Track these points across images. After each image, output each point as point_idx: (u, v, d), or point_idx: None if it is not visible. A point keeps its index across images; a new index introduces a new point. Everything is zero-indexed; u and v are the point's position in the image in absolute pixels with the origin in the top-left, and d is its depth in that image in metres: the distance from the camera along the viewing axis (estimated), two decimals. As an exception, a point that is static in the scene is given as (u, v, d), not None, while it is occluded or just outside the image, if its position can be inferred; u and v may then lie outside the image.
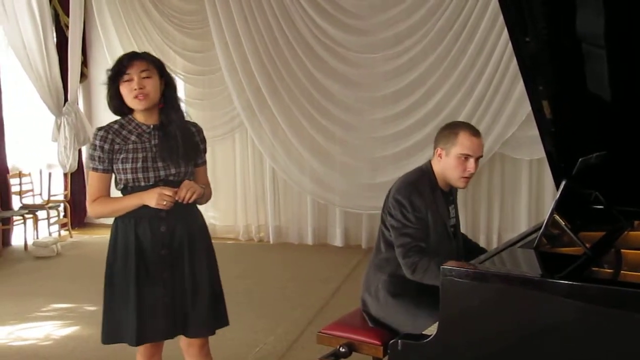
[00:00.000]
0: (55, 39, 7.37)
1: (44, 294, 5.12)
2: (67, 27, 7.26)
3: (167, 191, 2.29)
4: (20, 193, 7.19)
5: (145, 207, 2.32)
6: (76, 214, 7.97)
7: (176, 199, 2.31)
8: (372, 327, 2.61)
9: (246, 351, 3.70)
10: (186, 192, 2.33)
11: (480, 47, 5.83)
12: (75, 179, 7.86)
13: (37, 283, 5.49)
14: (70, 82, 7.27)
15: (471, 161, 2.52)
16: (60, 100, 7.26)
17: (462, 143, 2.50)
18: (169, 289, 2.39)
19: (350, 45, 6.37)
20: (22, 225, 6.96)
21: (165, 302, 2.38)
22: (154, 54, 7.86)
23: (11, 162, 7.25)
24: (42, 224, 7.23)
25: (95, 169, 2.38)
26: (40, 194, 7.40)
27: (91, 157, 2.38)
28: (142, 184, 2.34)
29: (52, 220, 7.36)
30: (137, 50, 7.08)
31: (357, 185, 6.53)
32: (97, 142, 2.35)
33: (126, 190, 2.39)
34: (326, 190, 6.69)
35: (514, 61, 2.41)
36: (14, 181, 7.13)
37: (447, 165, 2.55)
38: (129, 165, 2.33)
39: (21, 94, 7.45)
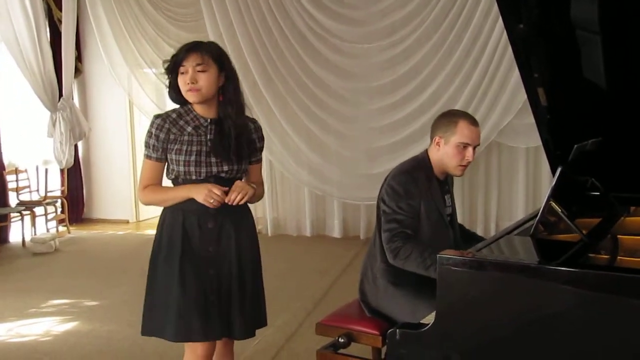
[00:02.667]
0: (48, 34, 7.35)
1: (43, 290, 5.11)
2: (61, 21, 7.23)
3: (217, 190, 2.23)
4: (17, 190, 7.17)
5: (194, 201, 2.26)
6: (74, 209, 7.97)
7: (225, 200, 2.25)
8: (370, 317, 2.61)
9: (245, 343, 3.68)
10: (237, 195, 2.25)
11: (475, 35, 5.81)
12: (72, 175, 7.85)
13: (35, 279, 5.49)
14: (65, 77, 7.25)
15: (469, 150, 2.54)
16: (55, 95, 7.24)
17: (462, 132, 2.51)
18: (214, 287, 2.32)
19: (345, 35, 6.35)
20: (20, 222, 6.95)
21: (210, 301, 2.30)
22: (147, 47, 7.74)
23: (7, 158, 7.23)
24: (40, 220, 7.22)
25: (148, 157, 2.34)
26: (37, 190, 7.39)
27: (146, 145, 2.33)
28: (194, 177, 2.29)
29: (49, 217, 7.36)
30: (132, 46, 7.14)
31: (354, 176, 6.52)
32: (153, 130, 2.30)
33: (177, 182, 2.35)
34: (323, 182, 6.69)
35: (510, 49, 2.39)
36: (10, 178, 7.11)
37: (445, 153, 2.56)
38: (182, 158, 2.28)
39: (16, 89, 7.42)
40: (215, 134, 2.31)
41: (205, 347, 2.35)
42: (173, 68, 2.28)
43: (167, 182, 2.41)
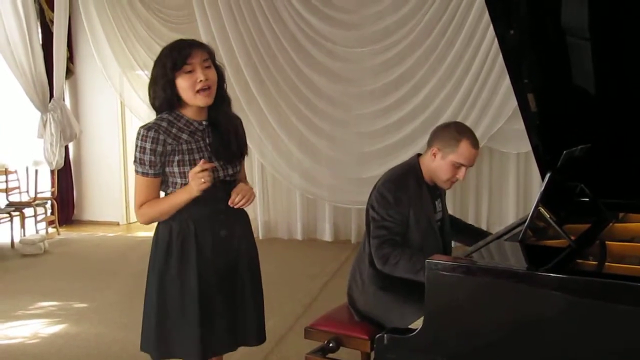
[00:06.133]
0: (40, 35, 7.32)
1: (31, 291, 5.08)
2: (52, 22, 7.20)
3: (197, 167, 2.05)
4: (6, 190, 7.13)
5: (202, 207, 2.13)
6: (63, 211, 7.92)
7: (229, 203, 2.15)
8: (359, 322, 2.61)
9: (235, 347, 3.69)
10: (241, 197, 2.15)
11: (467, 40, 5.83)
12: (63, 176, 7.81)
13: (24, 281, 5.45)
14: (56, 77, 7.22)
15: (463, 170, 2.55)
16: (46, 96, 7.21)
17: (462, 153, 2.51)
18: (229, 297, 2.22)
19: (337, 39, 6.36)
20: (9, 222, 6.90)
21: (229, 313, 2.22)
22: (140, 49, 7.75)
23: (-3, 159, 7.20)
24: (29, 222, 7.17)
25: (145, 174, 2.12)
26: (27, 191, 7.34)
27: (140, 162, 2.11)
28: None
29: (39, 218, 7.31)
30: (124, 47, 7.11)
31: (346, 180, 6.52)
32: (148, 145, 2.08)
33: None
34: (315, 185, 6.69)
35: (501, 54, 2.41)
36: (-1, 178, 7.08)
37: (439, 166, 2.56)
38: (187, 169, 2.10)
39: (6, 89, 7.38)
40: (213, 136, 2.18)
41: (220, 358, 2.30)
42: (174, 67, 2.06)
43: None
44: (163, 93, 2.09)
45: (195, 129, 2.16)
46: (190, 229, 2.15)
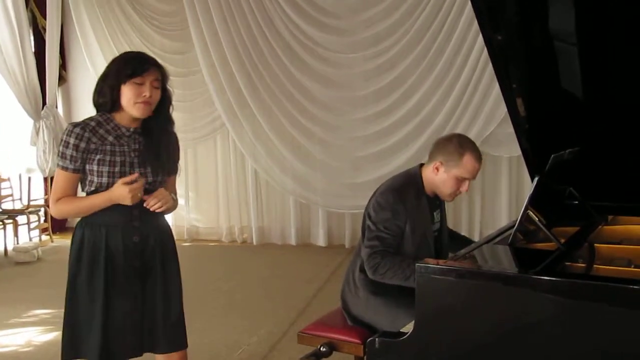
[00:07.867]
0: (32, 42, 7.31)
1: (25, 299, 5.06)
2: (45, 30, 7.20)
3: (135, 185, 2.16)
4: (-1, 198, 7.11)
5: (117, 215, 2.21)
6: (57, 218, 7.88)
7: (144, 205, 2.23)
8: (352, 326, 2.61)
9: (228, 352, 3.70)
10: (156, 201, 2.22)
11: (458, 45, 5.86)
12: (56, 183, 7.77)
13: (17, 289, 5.43)
14: (49, 85, 7.21)
15: (467, 183, 2.52)
16: (39, 103, 7.20)
17: (466, 167, 2.48)
18: (139, 303, 2.28)
19: (329, 45, 6.39)
20: (2, 230, 6.87)
21: (134, 317, 2.27)
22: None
23: (-11, 167, 7.17)
24: (22, 229, 7.14)
25: (64, 168, 2.22)
26: (20, 199, 7.32)
27: (62, 155, 2.21)
28: None
29: (32, 225, 7.29)
30: (117, 54, 7.11)
31: (339, 185, 6.54)
32: (72, 140, 2.19)
33: (96, 193, 2.24)
34: (308, 190, 6.70)
35: (492, 59, 2.43)
36: (-8, 186, 7.05)
37: (442, 181, 2.53)
38: (105, 169, 2.20)
39: (-2, 97, 7.37)
40: (141, 144, 2.27)
41: None
42: (129, 74, 2.17)
43: (82, 194, 2.32)
44: (110, 92, 2.21)
45: (122, 134, 2.25)
46: (102, 234, 2.23)
